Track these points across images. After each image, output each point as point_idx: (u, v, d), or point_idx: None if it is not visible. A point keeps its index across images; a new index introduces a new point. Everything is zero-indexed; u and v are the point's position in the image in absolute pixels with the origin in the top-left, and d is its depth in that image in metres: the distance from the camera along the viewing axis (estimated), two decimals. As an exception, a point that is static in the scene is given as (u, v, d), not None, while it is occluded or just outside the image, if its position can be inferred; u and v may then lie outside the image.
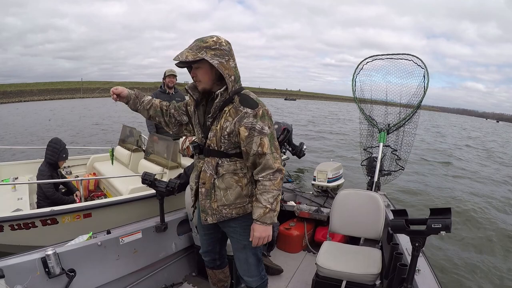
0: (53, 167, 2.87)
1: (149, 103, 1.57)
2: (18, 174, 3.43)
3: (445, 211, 1.18)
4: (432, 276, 1.47)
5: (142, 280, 2.02)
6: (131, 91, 1.56)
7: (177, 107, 1.60)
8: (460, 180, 8.34)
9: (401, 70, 2.89)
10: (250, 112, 1.30)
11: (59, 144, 2.87)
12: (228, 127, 1.32)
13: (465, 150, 14.30)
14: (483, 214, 5.64)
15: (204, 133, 1.42)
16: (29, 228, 2.28)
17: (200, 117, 1.45)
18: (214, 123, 1.37)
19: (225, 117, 1.33)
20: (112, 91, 1.51)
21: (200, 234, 1.70)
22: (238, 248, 1.55)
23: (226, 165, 1.39)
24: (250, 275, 1.57)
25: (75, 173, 3.93)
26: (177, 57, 1.30)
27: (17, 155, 7.06)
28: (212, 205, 1.43)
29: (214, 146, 1.38)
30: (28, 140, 10.65)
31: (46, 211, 2.31)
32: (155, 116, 1.60)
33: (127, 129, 4.34)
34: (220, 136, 1.35)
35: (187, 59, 1.26)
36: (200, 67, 1.32)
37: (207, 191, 1.43)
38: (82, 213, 2.48)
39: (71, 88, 56.52)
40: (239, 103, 1.32)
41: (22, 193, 2.85)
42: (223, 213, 1.43)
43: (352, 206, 2.18)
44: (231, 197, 1.41)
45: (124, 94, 1.52)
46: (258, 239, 1.37)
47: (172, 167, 3.16)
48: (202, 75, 1.34)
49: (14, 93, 44.56)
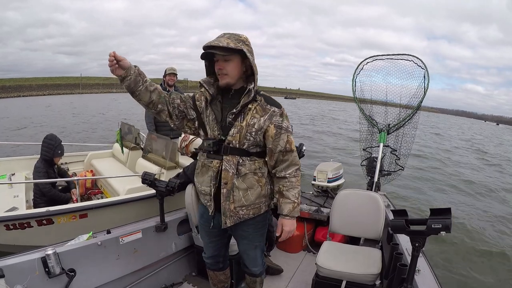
0: (48, 164, 2.85)
1: (152, 85, 1.35)
2: (15, 170, 3.40)
3: (445, 211, 1.18)
4: (432, 276, 1.47)
5: (142, 280, 2.01)
6: (128, 62, 1.27)
7: (183, 99, 1.44)
8: (461, 180, 8.35)
9: (402, 71, 2.89)
10: (277, 111, 1.34)
11: (54, 140, 2.84)
12: (256, 124, 1.31)
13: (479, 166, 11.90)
14: (483, 214, 5.64)
15: (223, 130, 1.35)
16: (24, 228, 2.26)
17: (217, 113, 1.37)
18: (237, 119, 1.32)
19: (251, 114, 1.32)
20: (112, 54, 1.21)
21: (206, 240, 1.65)
22: (250, 248, 1.57)
23: (248, 163, 1.35)
24: (255, 265, 1.65)
25: (73, 170, 3.90)
26: (215, 42, 1.22)
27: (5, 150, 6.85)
28: (229, 206, 1.37)
29: (235, 144, 1.32)
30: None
31: (42, 212, 2.30)
32: (157, 103, 1.37)
33: (126, 127, 4.26)
34: (246, 133, 1.31)
35: (228, 45, 1.21)
36: (231, 60, 1.28)
37: (228, 192, 1.35)
38: (78, 213, 2.46)
39: (70, 84, 56.33)
40: (265, 102, 1.34)
41: (18, 190, 2.83)
42: (240, 215, 1.40)
43: (352, 206, 2.18)
44: (251, 197, 1.38)
45: (125, 64, 1.24)
46: (287, 233, 1.41)
47: (170, 167, 3.14)
48: (231, 69, 1.29)
49: (13, 88, 44.28)
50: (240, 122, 1.32)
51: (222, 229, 1.48)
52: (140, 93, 1.32)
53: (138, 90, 1.31)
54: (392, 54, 2.92)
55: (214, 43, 1.22)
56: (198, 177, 1.48)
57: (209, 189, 1.41)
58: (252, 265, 1.65)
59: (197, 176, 1.50)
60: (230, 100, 1.36)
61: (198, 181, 1.48)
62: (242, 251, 1.62)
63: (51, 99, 34.30)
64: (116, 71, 1.24)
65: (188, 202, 2.13)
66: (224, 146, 1.33)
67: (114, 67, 1.23)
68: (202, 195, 1.48)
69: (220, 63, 1.29)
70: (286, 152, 1.37)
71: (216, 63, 1.31)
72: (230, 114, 1.33)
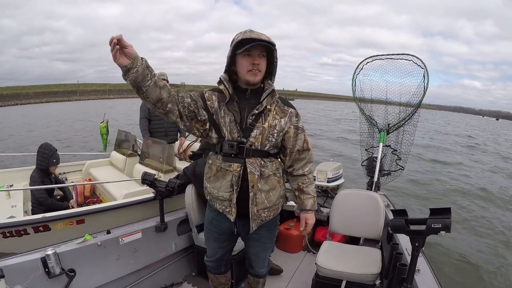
0: (44, 173, 2.85)
1: (160, 80, 1.20)
2: (13, 181, 3.38)
3: (445, 211, 1.18)
4: (432, 276, 1.47)
5: (142, 280, 2.02)
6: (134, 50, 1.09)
7: (193, 98, 1.30)
8: (461, 181, 8.34)
9: (401, 70, 2.89)
10: (294, 112, 1.38)
11: (48, 149, 2.84)
12: (277, 125, 1.32)
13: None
14: (483, 214, 5.64)
15: (243, 132, 1.29)
16: (21, 236, 2.24)
17: (236, 114, 1.29)
18: (258, 120, 1.29)
19: (272, 115, 1.31)
20: (115, 38, 1.02)
21: (213, 246, 1.60)
22: (261, 250, 1.58)
23: (269, 165, 1.35)
24: (263, 267, 1.67)
25: (71, 179, 3.88)
26: (265, 36, 1.21)
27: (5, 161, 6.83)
28: (253, 210, 1.34)
29: (257, 146, 1.29)
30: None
31: (38, 218, 2.27)
32: (167, 102, 1.22)
33: (122, 134, 4.24)
34: (268, 135, 1.30)
35: (269, 39, 1.21)
36: (264, 57, 1.27)
37: (254, 195, 1.32)
38: (75, 219, 2.42)
39: (67, 91, 56.51)
40: (282, 103, 1.36)
41: (16, 200, 2.82)
42: (262, 217, 1.38)
43: (352, 206, 2.18)
44: (273, 198, 1.38)
45: (131, 52, 1.07)
46: (311, 226, 1.49)
47: (167, 170, 3.13)
48: (264, 66, 1.28)
49: (10, 96, 44.42)
50: (262, 124, 1.29)
51: (232, 234, 1.48)
52: (148, 89, 1.15)
53: (145, 86, 1.14)
54: (391, 54, 2.92)
55: (265, 37, 1.20)
56: (212, 182, 1.37)
57: (228, 195, 1.33)
58: (260, 267, 1.65)
59: (210, 182, 1.39)
60: (247, 100, 1.31)
61: (212, 187, 1.38)
62: (253, 253, 1.59)
63: (48, 107, 34.21)
64: (120, 59, 1.06)
65: (188, 202, 2.13)
66: (246, 149, 1.28)
67: (117, 53, 1.04)
68: (218, 201, 1.38)
69: (256, 58, 1.24)
70: (303, 151, 1.42)
71: (249, 58, 1.24)
72: (251, 115, 1.29)
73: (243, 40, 1.20)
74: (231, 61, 1.29)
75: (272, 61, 1.32)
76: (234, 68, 1.31)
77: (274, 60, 1.32)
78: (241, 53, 1.23)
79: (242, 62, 1.25)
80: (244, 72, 1.26)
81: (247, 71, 1.26)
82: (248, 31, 1.23)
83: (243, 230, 1.45)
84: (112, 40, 1.03)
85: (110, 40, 1.03)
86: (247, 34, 1.20)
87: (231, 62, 1.29)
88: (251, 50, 1.22)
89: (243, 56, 1.24)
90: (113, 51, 1.04)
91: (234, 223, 1.41)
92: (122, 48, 1.06)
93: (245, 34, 1.20)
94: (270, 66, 1.33)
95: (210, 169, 1.39)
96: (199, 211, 2.14)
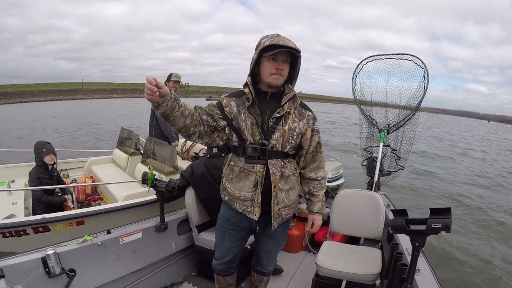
0: (43, 168, 2.91)
1: (187, 109, 1.25)
2: (15, 177, 3.40)
3: (445, 211, 1.18)
4: (432, 276, 1.47)
5: (142, 280, 2.02)
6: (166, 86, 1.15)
7: (209, 112, 1.35)
8: (461, 181, 8.34)
9: (401, 70, 2.89)
10: (311, 115, 1.44)
11: (39, 144, 2.93)
12: (296, 128, 1.38)
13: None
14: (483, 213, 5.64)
15: (265, 134, 1.34)
16: (20, 236, 2.24)
17: (257, 117, 1.34)
18: (279, 123, 1.34)
19: (292, 118, 1.37)
20: (149, 81, 1.07)
21: (228, 245, 1.58)
22: (274, 247, 1.63)
23: (289, 165, 1.41)
24: (272, 264, 1.74)
25: (73, 176, 3.89)
26: (292, 43, 1.25)
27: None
28: (275, 208, 1.40)
29: (278, 147, 1.35)
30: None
31: (38, 219, 2.27)
32: (190, 126, 1.27)
33: (125, 132, 4.25)
34: (288, 137, 1.36)
35: (296, 47, 1.25)
36: (288, 62, 1.32)
37: (276, 195, 1.38)
38: (75, 220, 2.42)
39: (71, 89, 56.55)
40: (300, 107, 1.41)
41: (17, 197, 2.83)
42: (283, 215, 1.44)
43: (352, 206, 2.18)
44: (293, 197, 1.45)
45: (165, 91, 1.13)
46: (318, 227, 1.60)
47: (169, 172, 3.13)
48: (287, 71, 1.34)
49: (14, 94, 44.50)
50: (282, 126, 1.35)
51: (247, 232, 1.54)
52: (175, 119, 1.21)
53: (173, 116, 1.20)
54: (391, 54, 2.92)
55: (291, 44, 1.24)
56: (234, 183, 1.41)
57: (250, 195, 1.37)
58: (269, 265, 1.71)
59: (231, 182, 1.42)
60: (268, 103, 1.36)
61: (234, 187, 1.40)
62: (265, 250, 1.63)
63: (52, 105, 34.06)
64: (154, 98, 1.12)
65: (188, 202, 2.13)
66: (268, 151, 1.34)
67: (155, 95, 1.10)
68: (239, 201, 1.40)
69: (281, 63, 1.29)
70: (317, 153, 1.47)
71: (274, 63, 1.28)
72: (272, 118, 1.34)
73: (270, 46, 1.24)
74: (256, 63, 1.33)
75: (294, 66, 1.38)
76: (257, 70, 1.35)
77: (297, 66, 1.37)
78: (267, 57, 1.28)
79: (267, 65, 1.30)
80: (267, 74, 1.32)
81: (270, 74, 1.31)
82: (275, 36, 1.27)
83: (262, 228, 1.48)
84: (151, 82, 1.08)
85: (148, 81, 1.08)
86: (274, 39, 1.25)
87: (255, 64, 1.34)
88: (277, 55, 1.27)
89: (268, 60, 1.29)
90: (151, 93, 1.09)
91: (256, 222, 1.43)
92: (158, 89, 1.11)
93: (273, 39, 1.25)
94: (292, 71, 1.39)
95: (232, 170, 1.42)
96: (200, 211, 2.14)
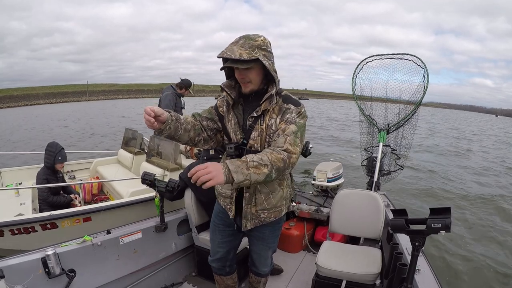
0: (51, 171, 2.91)
1: (188, 123, 1.29)
2: (22, 179, 3.47)
3: (445, 210, 1.18)
4: (432, 276, 1.47)
5: (142, 280, 2.01)
6: (165, 111, 1.18)
7: (208, 116, 1.39)
8: (461, 181, 8.34)
9: (401, 70, 2.90)
10: (294, 109, 1.28)
11: (54, 148, 2.92)
12: (273, 125, 1.30)
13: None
14: (484, 213, 5.64)
15: (245, 133, 1.33)
16: (29, 233, 2.28)
17: (239, 117, 1.35)
18: (257, 122, 1.31)
19: (269, 115, 1.31)
20: (148, 113, 1.10)
21: (218, 240, 1.61)
22: (264, 250, 1.60)
23: None
24: (266, 266, 1.70)
25: (79, 177, 3.95)
26: (228, 54, 1.14)
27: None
28: (251, 210, 1.39)
29: (257, 147, 1.31)
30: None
31: (46, 215, 2.32)
32: (194, 137, 1.32)
33: (130, 132, 4.33)
34: (265, 135, 1.30)
35: (241, 57, 1.14)
36: (252, 68, 1.22)
37: (250, 196, 1.37)
38: (82, 217, 2.48)
39: (77, 91, 56.92)
40: (282, 102, 1.31)
41: (25, 198, 2.88)
42: (261, 218, 1.42)
43: (352, 206, 2.18)
44: (273, 200, 1.40)
45: (164, 118, 1.16)
46: (203, 174, 0.99)
47: (173, 169, 3.18)
48: (254, 76, 1.25)
49: (20, 97, 44.76)
50: (260, 125, 1.31)
51: (234, 229, 1.52)
52: (180, 136, 1.27)
53: (177, 135, 1.26)
54: (391, 54, 2.93)
55: (227, 55, 1.15)
56: None
57: (230, 192, 1.41)
58: (262, 266, 1.69)
59: None
60: (250, 103, 1.34)
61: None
62: (255, 251, 1.63)
63: (58, 107, 33.97)
64: (156, 126, 1.15)
65: (188, 203, 2.13)
66: (246, 150, 1.31)
67: (154, 125, 1.13)
68: (222, 197, 1.48)
69: (241, 72, 1.23)
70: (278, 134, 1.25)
71: (236, 71, 1.24)
72: (250, 117, 1.31)
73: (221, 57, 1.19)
74: (229, 69, 1.31)
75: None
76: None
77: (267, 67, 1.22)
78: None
79: (235, 73, 1.26)
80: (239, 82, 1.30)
81: (240, 83, 1.29)
82: (230, 44, 1.20)
83: (239, 227, 1.48)
84: (150, 114, 1.10)
85: (146, 113, 1.10)
86: (224, 50, 1.18)
87: (229, 69, 1.32)
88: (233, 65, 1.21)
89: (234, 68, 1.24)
90: (149, 124, 1.12)
91: (233, 219, 1.47)
92: (156, 117, 1.13)
93: (223, 50, 1.18)
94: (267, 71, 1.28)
95: None
96: (199, 212, 2.15)
